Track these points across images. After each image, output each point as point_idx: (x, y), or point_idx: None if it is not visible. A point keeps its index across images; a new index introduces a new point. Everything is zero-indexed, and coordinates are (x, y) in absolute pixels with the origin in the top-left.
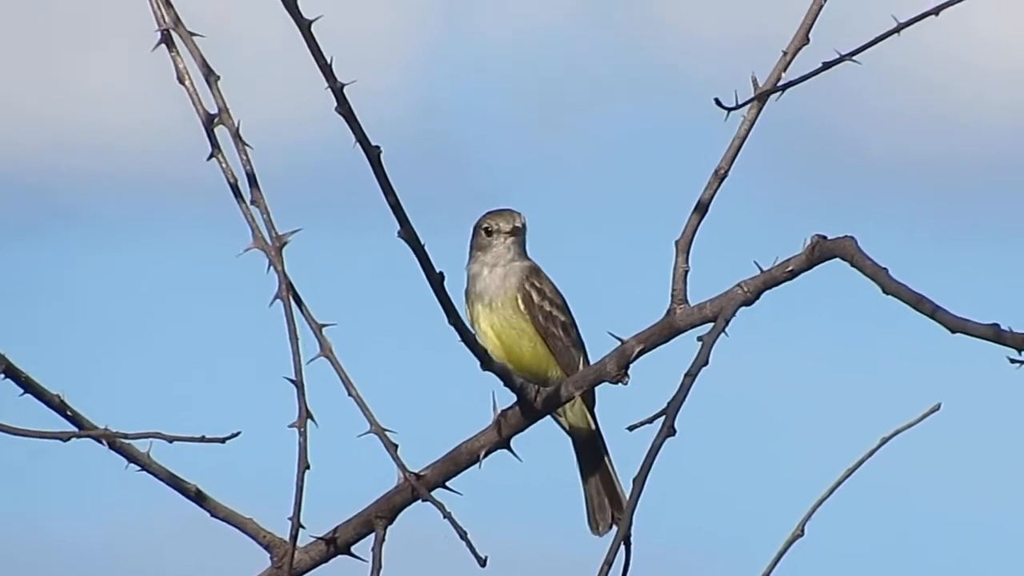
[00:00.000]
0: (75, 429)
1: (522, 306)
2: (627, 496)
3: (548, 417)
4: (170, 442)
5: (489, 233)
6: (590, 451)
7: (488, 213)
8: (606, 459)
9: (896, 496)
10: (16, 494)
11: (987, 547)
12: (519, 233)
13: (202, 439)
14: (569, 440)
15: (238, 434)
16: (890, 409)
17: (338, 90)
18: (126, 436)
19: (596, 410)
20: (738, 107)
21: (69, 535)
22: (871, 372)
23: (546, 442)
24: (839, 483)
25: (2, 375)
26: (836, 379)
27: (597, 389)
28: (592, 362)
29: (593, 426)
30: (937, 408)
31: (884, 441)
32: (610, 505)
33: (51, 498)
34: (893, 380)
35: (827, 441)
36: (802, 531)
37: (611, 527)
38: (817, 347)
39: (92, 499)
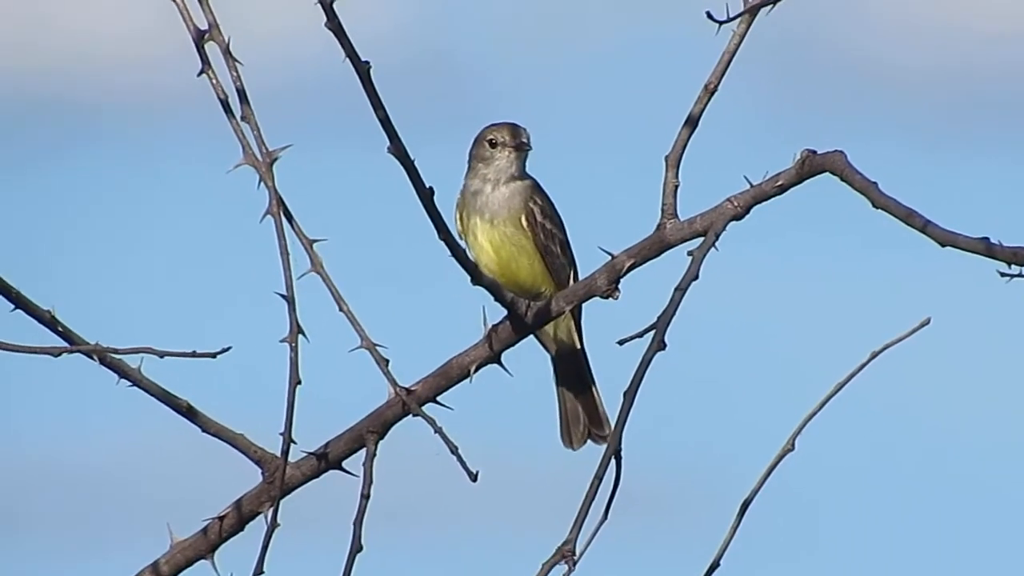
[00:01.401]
0: (66, 344)
1: (525, 224)
2: (609, 414)
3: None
4: (161, 357)
5: (493, 145)
6: (573, 367)
7: (492, 125)
8: (589, 376)
9: (886, 411)
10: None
11: (976, 460)
12: (524, 148)
13: (193, 354)
14: (548, 357)
15: (229, 349)
16: (880, 324)
17: (327, 5)
18: (117, 351)
19: (583, 326)
20: (729, 20)
21: (60, 451)
22: (861, 287)
23: (537, 357)
24: (829, 397)
25: None
26: (826, 294)
27: (585, 306)
28: (582, 277)
29: (578, 342)
30: (927, 323)
31: (874, 355)
32: (589, 422)
33: (42, 415)
34: (883, 295)
35: (817, 356)
36: (793, 445)
37: (585, 441)
38: (807, 262)
39: (83, 416)
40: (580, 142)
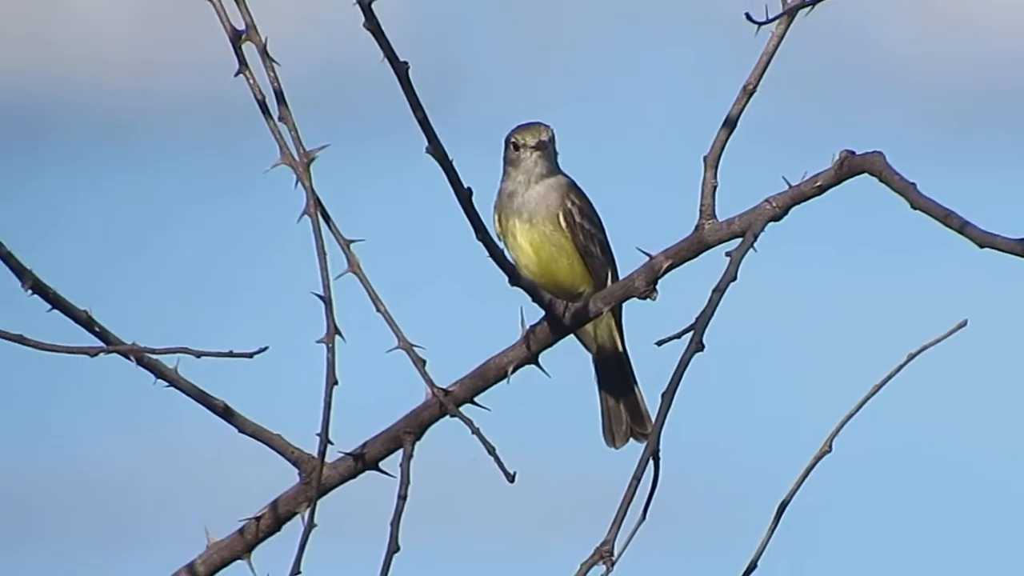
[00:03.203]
0: (103, 345)
1: (563, 224)
2: (651, 413)
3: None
4: (198, 357)
5: (517, 148)
6: (615, 367)
7: (516, 127)
8: (631, 376)
9: (923, 414)
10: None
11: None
12: (544, 147)
13: (230, 354)
14: (590, 357)
15: (266, 349)
16: (918, 326)
17: (366, 5)
18: (154, 351)
19: (623, 326)
20: (768, 21)
21: (97, 452)
22: (899, 288)
23: (575, 358)
24: (866, 399)
25: (30, 291)
26: (864, 295)
27: (624, 306)
28: (621, 278)
29: (620, 342)
30: (964, 324)
31: (911, 357)
32: (632, 421)
33: (79, 415)
34: (921, 296)
35: (854, 358)
36: (830, 447)
37: (627, 440)
38: (845, 263)
39: (120, 416)
40: (619, 143)
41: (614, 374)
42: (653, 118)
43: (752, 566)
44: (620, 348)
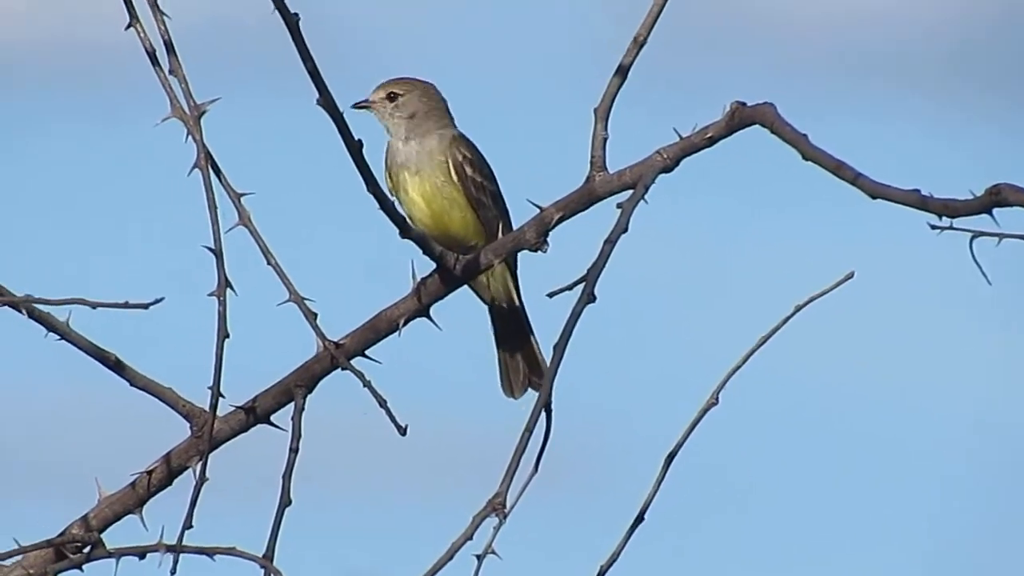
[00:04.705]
0: None
1: (454, 176)
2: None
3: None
4: (93, 308)
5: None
6: (511, 319)
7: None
8: (527, 327)
9: (810, 366)
10: None
11: (898, 415)
12: (393, 99)
13: (125, 304)
14: (486, 308)
15: (162, 299)
16: (806, 278)
17: None
18: (48, 302)
19: (519, 278)
20: None
21: None
22: (788, 241)
23: (465, 310)
24: (753, 351)
25: None
26: (753, 247)
27: (519, 258)
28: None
29: (515, 292)
30: (850, 276)
31: (798, 309)
32: (529, 371)
33: None
34: (812, 250)
35: (745, 310)
36: (716, 399)
37: (525, 389)
38: (735, 214)
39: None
40: (508, 94)
41: (510, 325)
42: (543, 70)
43: (639, 518)
44: (516, 300)
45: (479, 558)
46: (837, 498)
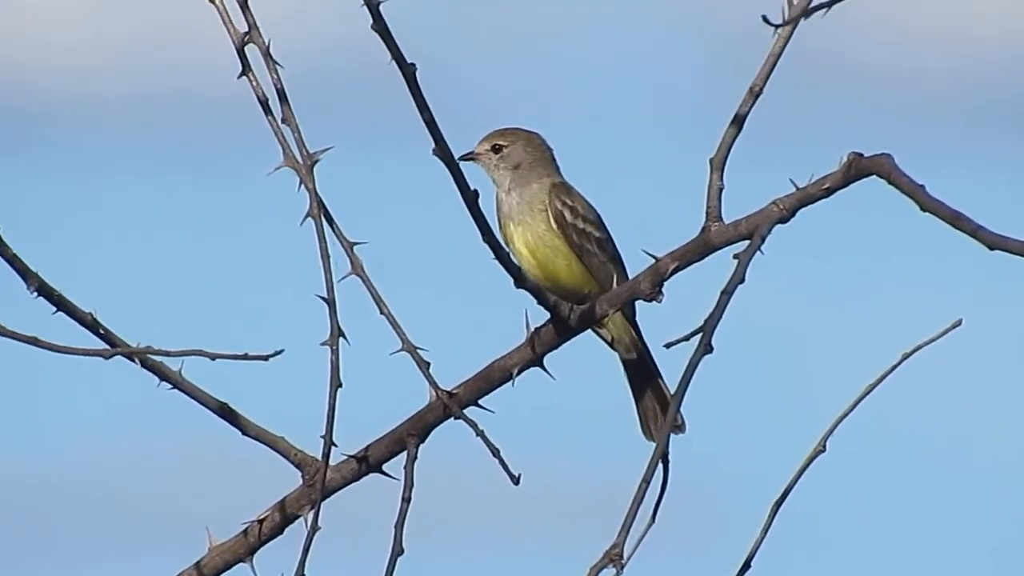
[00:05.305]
0: (108, 347)
1: (555, 225)
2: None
3: (582, 336)
4: (212, 359)
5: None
6: (636, 363)
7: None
8: (653, 368)
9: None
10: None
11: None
12: (498, 151)
13: (245, 356)
14: (616, 356)
15: (282, 351)
16: (917, 327)
17: (374, 6)
18: (167, 354)
19: (639, 324)
20: (785, 24)
21: (100, 454)
22: (902, 290)
23: (581, 361)
24: (861, 399)
25: (35, 293)
26: (867, 297)
27: (638, 305)
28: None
29: (637, 338)
30: (959, 324)
31: (905, 357)
32: (662, 413)
33: (81, 417)
34: (923, 298)
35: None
36: (824, 447)
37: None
38: (851, 265)
39: (123, 419)
40: (625, 145)
41: (636, 367)
42: (659, 120)
43: (746, 566)
44: (637, 342)
45: None
46: (943, 547)
